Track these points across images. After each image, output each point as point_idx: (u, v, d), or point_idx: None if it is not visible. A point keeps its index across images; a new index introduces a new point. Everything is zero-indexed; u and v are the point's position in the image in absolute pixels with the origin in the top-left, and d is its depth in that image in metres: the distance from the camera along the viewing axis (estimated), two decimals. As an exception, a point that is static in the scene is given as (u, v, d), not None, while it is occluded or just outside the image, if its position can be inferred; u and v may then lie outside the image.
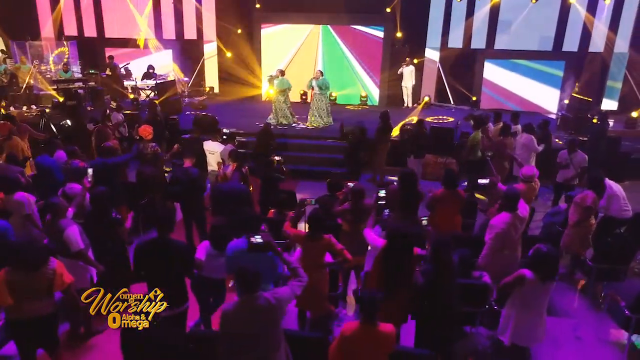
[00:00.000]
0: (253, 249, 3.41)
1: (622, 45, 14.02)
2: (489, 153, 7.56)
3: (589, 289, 5.95)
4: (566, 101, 14.36)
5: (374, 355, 3.22)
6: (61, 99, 12.84)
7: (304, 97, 15.23)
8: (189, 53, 15.89)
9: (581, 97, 11.85)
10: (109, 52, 15.11)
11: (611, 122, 11.53)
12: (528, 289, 3.83)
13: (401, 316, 4.19)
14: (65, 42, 14.94)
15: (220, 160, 7.67)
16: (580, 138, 9.72)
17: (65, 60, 14.50)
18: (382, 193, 4.54)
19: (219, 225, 4.47)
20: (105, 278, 4.74)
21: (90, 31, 15.98)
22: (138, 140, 7.50)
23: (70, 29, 16.01)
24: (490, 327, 4.96)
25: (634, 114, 11.95)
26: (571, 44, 14.30)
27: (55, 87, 12.91)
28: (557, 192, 7.82)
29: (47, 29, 15.86)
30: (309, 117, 11.95)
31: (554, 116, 13.81)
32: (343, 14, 14.60)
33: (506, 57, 14.64)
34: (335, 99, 14.85)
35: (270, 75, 12.32)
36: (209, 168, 7.87)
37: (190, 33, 15.84)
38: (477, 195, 7.70)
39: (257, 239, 3.36)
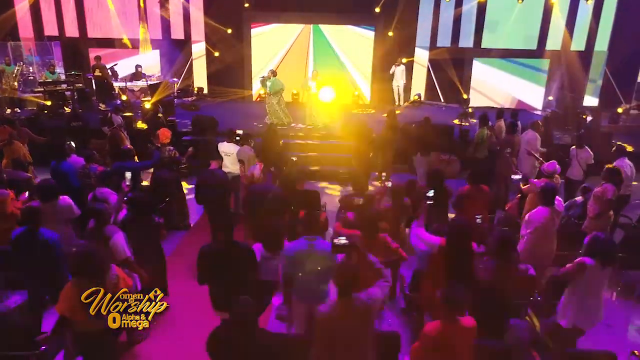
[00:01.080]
0: (338, 250, 3.41)
1: (602, 43, 14.64)
2: (507, 149, 7.75)
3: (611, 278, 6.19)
4: (550, 98, 14.92)
5: (460, 350, 3.27)
6: (48, 103, 12.42)
7: (295, 96, 15.20)
8: (176, 53, 15.56)
9: (571, 94, 12.30)
10: (92, 52, 14.71)
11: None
12: (590, 275, 4.01)
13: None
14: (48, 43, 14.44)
15: (237, 161, 7.63)
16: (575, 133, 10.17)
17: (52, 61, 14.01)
18: (430, 193, 4.60)
19: (273, 226, 4.44)
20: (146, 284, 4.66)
21: (71, 31, 15.41)
22: (158, 147, 7.34)
23: (51, 29, 15.39)
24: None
25: (619, 110, 12.48)
26: (554, 42, 14.82)
27: (42, 89, 12.44)
28: (568, 188, 8.10)
29: (25, 29, 15.20)
30: (307, 117, 11.93)
31: (539, 112, 14.31)
32: (333, 13, 14.61)
33: (493, 55, 15.02)
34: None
35: (262, 77, 12.16)
36: (224, 170, 7.78)
37: (177, 33, 15.52)
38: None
39: (342, 240, 3.37)
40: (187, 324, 5.25)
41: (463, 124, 10.39)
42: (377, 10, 14.55)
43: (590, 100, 14.96)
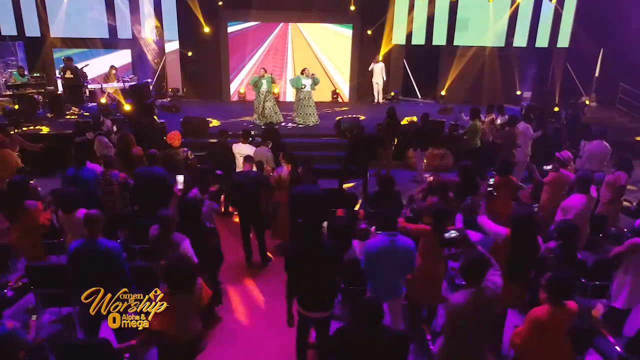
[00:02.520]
0: (448, 244, 3.48)
1: (563, 40, 15.59)
2: (519, 142, 8.12)
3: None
4: (518, 92, 15.69)
5: (562, 332, 3.42)
6: (16, 107, 11.60)
7: (274, 95, 15.04)
8: (148, 53, 14.96)
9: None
10: (57, 53, 13.88)
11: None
12: None
13: (523, 300, 4.45)
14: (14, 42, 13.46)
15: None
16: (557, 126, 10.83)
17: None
18: (491, 181, 4.77)
19: (340, 225, 4.44)
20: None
21: (32, 30, 14.40)
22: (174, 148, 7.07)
23: (8, 28, 14.30)
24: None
25: (587, 102, 13.35)
26: (520, 40, 15.61)
27: (11, 92, 11.61)
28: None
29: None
30: (295, 116, 11.85)
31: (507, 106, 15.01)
32: (311, 11, 14.62)
33: (463, 53, 15.57)
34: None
35: (257, 77, 11.75)
36: (238, 170, 7.63)
37: (149, 31, 14.92)
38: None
39: (453, 234, 3.44)
40: (241, 330, 5.15)
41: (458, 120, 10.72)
42: (352, 8, 14.71)
43: (554, 94, 15.90)
